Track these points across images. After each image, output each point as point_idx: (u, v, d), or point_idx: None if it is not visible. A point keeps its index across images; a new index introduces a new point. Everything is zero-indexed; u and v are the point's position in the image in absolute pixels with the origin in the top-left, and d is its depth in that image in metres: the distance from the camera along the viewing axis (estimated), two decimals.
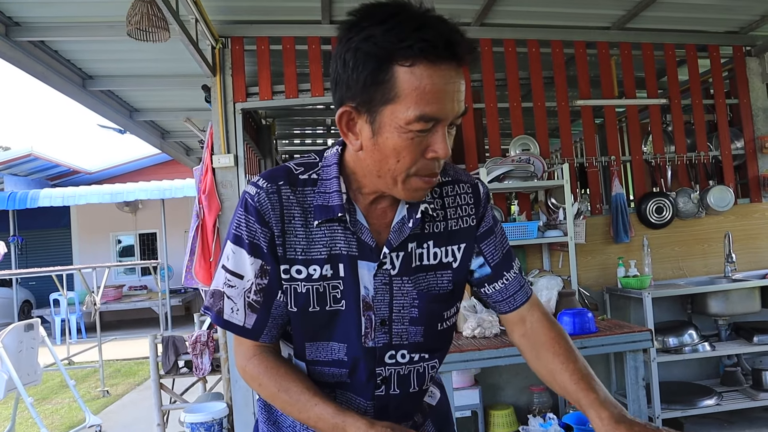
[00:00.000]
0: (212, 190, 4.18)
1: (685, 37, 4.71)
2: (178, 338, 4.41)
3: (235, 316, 1.13)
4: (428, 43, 0.94)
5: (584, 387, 1.12)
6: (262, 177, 1.13)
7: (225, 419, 4.14)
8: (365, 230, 1.12)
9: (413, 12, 0.97)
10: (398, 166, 1.02)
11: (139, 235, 13.58)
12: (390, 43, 0.94)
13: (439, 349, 1.24)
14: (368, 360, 1.15)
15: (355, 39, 0.97)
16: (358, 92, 0.99)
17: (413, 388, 1.21)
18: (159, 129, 7.51)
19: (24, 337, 4.60)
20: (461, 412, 3.87)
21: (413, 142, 0.99)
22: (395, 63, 0.95)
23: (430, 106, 0.96)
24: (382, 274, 1.13)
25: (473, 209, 1.22)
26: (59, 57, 4.69)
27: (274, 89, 4.31)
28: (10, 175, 11.40)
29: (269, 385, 1.13)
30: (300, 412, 1.10)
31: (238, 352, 1.18)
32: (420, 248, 1.16)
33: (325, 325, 1.13)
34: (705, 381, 4.32)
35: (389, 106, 0.98)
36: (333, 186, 1.10)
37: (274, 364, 1.15)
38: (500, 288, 1.26)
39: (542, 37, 4.51)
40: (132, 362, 8.15)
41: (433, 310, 1.18)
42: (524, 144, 4.46)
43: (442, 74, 0.96)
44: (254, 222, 1.10)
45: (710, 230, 4.56)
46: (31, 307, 12.27)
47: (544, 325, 1.25)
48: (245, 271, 1.12)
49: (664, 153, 4.62)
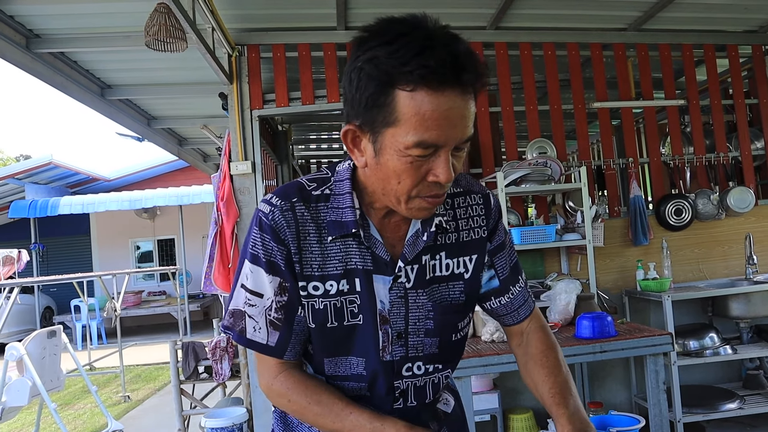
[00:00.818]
0: (230, 197, 4.22)
1: (702, 37, 4.67)
2: (198, 344, 4.45)
3: (258, 335, 1.13)
4: (428, 70, 0.91)
5: (558, 401, 1.14)
6: (275, 194, 1.13)
7: (245, 424, 4.17)
8: (379, 245, 1.12)
9: (421, 33, 0.94)
10: (399, 188, 1.01)
11: (158, 241, 13.72)
12: (392, 66, 0.92)
13: (452, 359, 1.25)
14: (387, 373, 1.16)
15: (361, 58, 0.96)
16: (361, 112, 0.98)
17: (429, 399, 1.22)
18: (176, 136, 7.58)
19: (47, 344, 4.66)
20: (480, 416, 3.86)
21: (413, 166, 0.98)
22: (396, 87, 0.93)
23: (429, 133, 0.94)
24: (398, 287, 1.13)
25: (484, 220, 1.22)
26: (78, 67, 4.76)
27: (291, 96, 4.34)
28: (30, 184, 11.56)
29: (299, 399, 1.13)
30: (334, 422, 1.10)
31: (262, 371, 1.18)
32: (433, 260, 1.16)
33: (343, 340, 1.14)
34: (727, 384, 4.27)
35: (390, 129, 0.96)
36: (346, 201, 1.10)
37: (302, 379, 1.15)
38: (506, 302, 1.27)
39: (558, 39, 4.50)
40: (152, 367, 8.22)
41: (448, 321, 1.19)
42: (541, 147, 4.45)
43: (444, 100, 0.93)
44: (270, 240, 1.10)
45: (730, 232, 4.51)
46: (52, 313, 12.43)
47: (538, 337, 1.27)
48: (264, 289, 1.12)
49: (683, 154, 4.57)
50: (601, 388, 4.26)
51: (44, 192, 11.87)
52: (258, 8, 4.03)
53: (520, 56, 4.48)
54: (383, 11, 0.99)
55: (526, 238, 3.86)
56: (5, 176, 11.04)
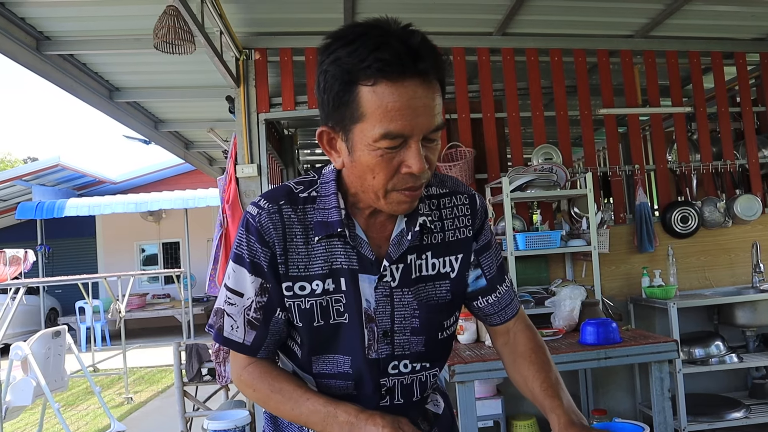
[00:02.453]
0: (236, 200, 4.23)
1: (710, 44, 4.66)
2: (201, 346, 4.45)
3: (235, 333, 1.16)
4: (384, 62, 0.95)
5: (551, 394, 1.16)
6: (263, 197, 1.16)
7: (247, 427, 4.16)
8: (365, 244, 1.14)
9: (377, 31, 0.98)
10: (375, 183, 1.04)
11: (163, 244, 13.74)
12: (352, 64, 0.96)
13: (440, 358, 1.27)
14: (372, 372, 1.17)
15: (325, 62, 1.00)
16: (331, 113, 1.02)
17: (416, 397, 1.24)
18: (183, 139, 7.61)
19: (52, 344, 4.68)
20: (483, 422, 3.85)
21: (384, 159, 1.00)
22: (359, 83, 0.97)
23: (394, 123, 0.97)
24: (383, 286, 1.15)
25: (470, 220, 1.23)
26: (87, 70, 4.80)
27: (297, 100, 4.35)
28: (37, 185, 11.61)
29: (262, 388, 1.16)
30: (293, 409, 1.13)
31: (234, 362, 1.21)
32: (419, 259, 1.18)
33: (329, 338, 1.16)
34: (733, 393, 4.24)
35: (358, 125, 1.00)
36: (331, 202, 1.13)
37: (268, 369, 1.19)
38: (493, 301, 1.28)
39: (565, 46, 4.50)
40: (155, 370, 8.23)
41: (434, 320, 1.21)
42: (547, 153, 4.44)
43: (405, 90, 0.96)
44: (255, 242, 1.12)
45: (737, 240, 4.49)
46: (57, 314, 12.46)
47: (526, 335, 1.30)
48: (245, 289, 1.14)
49: (690, 161, 4.56)
50: (606, 395, 4.24)
51: (51, 194, 11.92)
52: (266, 12, 4.06)
53: (526, 62, 4.48)
54: (390, 15, 1.01)
55: (531, 243, 3.85)
56: (13, 178, 11.10)
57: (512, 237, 3.83)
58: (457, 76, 4.41)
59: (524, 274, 4.18)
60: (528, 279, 4.21)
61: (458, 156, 4.25)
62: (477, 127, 4.43)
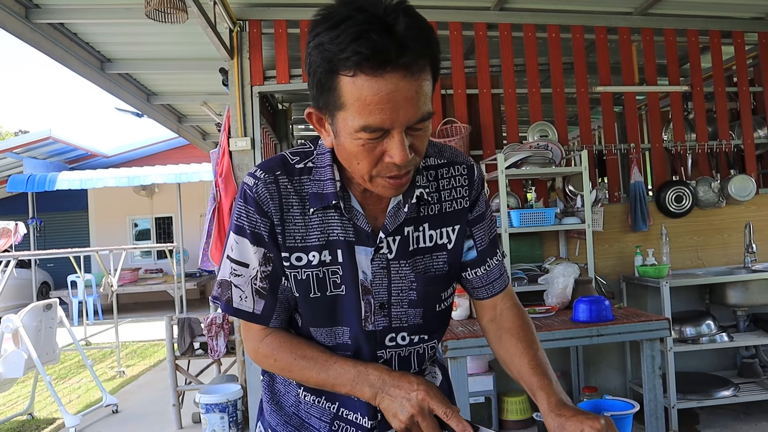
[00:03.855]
0: (229, 173, 4.20)
1: (709, 23, 4.62)
2: (193, 320, 4.45)
3: (244, 304, 1.16)
4: (362, 56, 0.90)
5: (539, 372, 1.14)
6: (259, 168, 1.14)
7: (239, 401, 4.18)
8: (360, 216, 1.13)
9: (362, 16, 0.92)
10: (359, 168, 1.02)
11: (155, 218, 13.70)
12: (332, 53, 0.92)
13: (437, 330, 1.26)
14: (369, 343, 1.17)
15: (311, 44, 0.96)
16: (316, 96, 1.00)
17: (413, 369, 1.24)
18: (176, 113, 7.53)
19: (43, 317, 4.66)
20: (475, 398, 3.87)
21: (365, 148, 0.98)
22: (339, 73, 0.93)
23: (373, 117, 0.94)
24: (380, 258, 1.14)
25: (467, 191, 1.22)
26: (78, 39, 4.71)
27: (292, 73, 4.30)
28: (29, 158, 11.50)
29: (285, 356, 1.16)
30: (319, 373, 1.13)
31: (248, 336, 1.20)
32: (417, 231, 1.17)
33: (327, 310, 1.16)
34: (722, 372, 4.29)
35: (341, 113, 0.97)
36: (327, 174, 1.11)
37: (287, 338, 1.18)
38: (482, 274, 1.27)
39: (563, 22, 4.45)
40: (147, 344, 8.24)
41: (431, 292, 1.20)
42: (542, 130, 4.42)
43: (384, 84, 0.92)
44: (254, 212, 1.12)
45: (730, 220, 4.49)
46: (49, 288, 12.45)
47: (513, 313, 1.27)
48: (249, 259, 1.14)
49: (685, 141, 4.55)
50: (597, 373, 4.27)
51: (42, 167, 11.81)
52: None
53: (523, 38, 4.43)
54: None
55: (526, 220, 3.84)
56: (3, 150, 10.97)
57: (506, 214, 3.82)
58: (453, 51, 4.36)
59: (518, 251, 4.18)
60: (521, 256, 4.21)
61: (453, 132, 4.22)
62: (473, 103, 4.40)
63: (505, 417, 4.00)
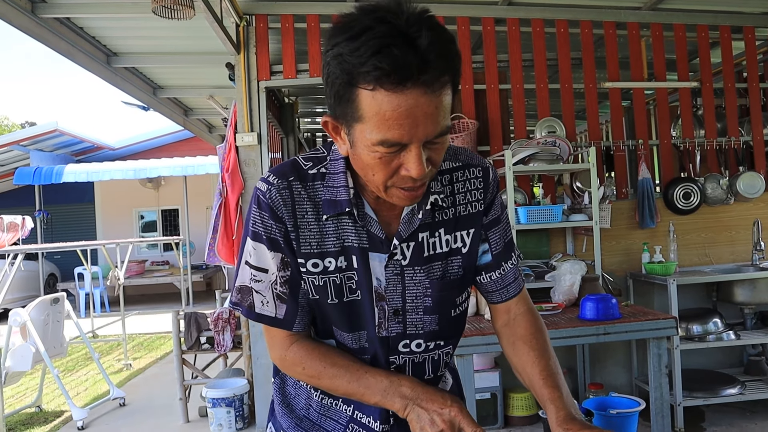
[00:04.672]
0: (236, 169, 4.19)
1: (719, 18, 4.58)
2: (200, 315, 4.46)
3: (266, 309, 1.16)
4: (383, 72, 0.88)
5: (550, 384, 1.14)
6: (272, 173, 1.13)
7: (245, 395, 4.20)
8: (374, 223, 1.13)
9: (384, 28, 0.89)
10: (374, 179, 1.01)
11: (162, 211, 13.73)
12: (352, 66, 0.90)
13: (453, 336, 1.26)
14: (383, 349, 1.17)
15: (330, 53, 0.94)
16: (334, 106, 0.98)
17: (428, 375, 1.23)
18: (182, 106, 7.54)
19: (50, 311, 4.68)
20: (481, 394, 3.88)
21: (382, 161, 0.97)
22: (358, 86, 0.92)
23: (391, 132, 0.93)
24: (393, 265, 1.14)
25: (482, 194, 1.21)
26: (84, 34, 4.71)
27: (298, 68, 4.28)
28: (35, 151, 11.53)
29: (314, 365, 1.15)
30: (350, 382, 1.13)
31: (273, 344, 1.20)
32: (432, 237, 1.16)
33: (344, 315, 1.15)
34: (728, 370, 4.27)
35: (358, 125, 0.96)
36: (340, 180, 1.11)
37: (315, 346, 1.18)
38: (497, 278, 1.26)
39: (571, 17, 4.42)
40: (154, 336, 8.27)
41: (446, 297, 1.19)
42: (550, 126, 4.40)
43: (404, 100, 0.90)
44: (268, 218, 1.11)
45: (738, 217, 4.47)
46: (56, 280, 12.50)
47: (527, 319, 1.26)
48: (268, 264, 1.14)
49: (694, 137, 4.52)
50: (603, 369, 4.27)
51: (49, 159, 11.85)
52: None
53: (532, 33, 4.40)
54: None
55: (533, 217, 3.83)
56: (10, 142, 11.00)
57: (514, 211, 3.81)
58: (461, 46, 4.32)
59: (525, 247, 4.17)
60: (528, 253, 4.20)
61: (461, 128, 4.20)
62: (480, 99, 4.38)
63: (511, 413, 4.01)
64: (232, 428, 4.12)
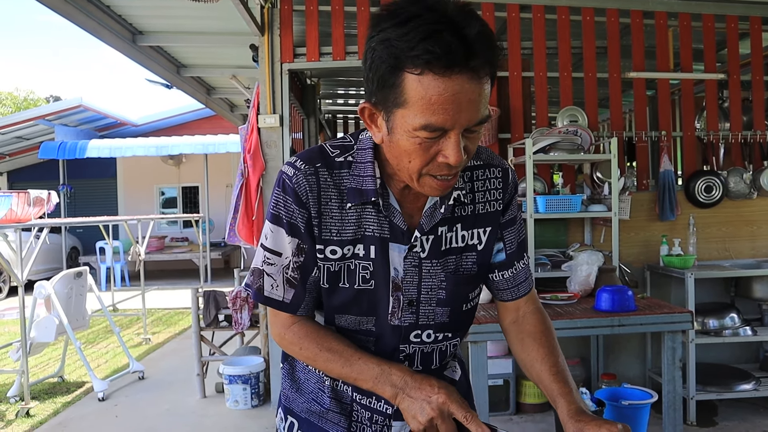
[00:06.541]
0: (257, 150, 4.23)
1: (750, 8, 4.49)
2: (219, 293, 4.53)
3: (275, 292, 1.18)
4: (434, 55, 0.91)
5: (560, 379, 1.17)
6: (300, 158, 1.15)
7: (261, 373, 4.27)
8: (397, 214, 1.15)
9: (433, 15, 0.93)
10: (410, 166, 1.03)
11: (182, 188, 13.87)
12: (400, 50, 0.93)
13: (462, 328, 1.29)
14: (393, 336, 1.20)
15: (375, 38, 0.97)
16: (375, 91, 1.00)
17: (435, 365, 1.26)
18: (205, 85, 7.58)
19: (74, 284, 4.79)
20: (493, 380, 3.91)
21: (422, 147, 0.99)
22: (405, 70, 0.94)
23: (436, 116, 0.95)
24: (412, 256, 1.16)
25: (501, 194, 1.24)
26: (111, 12, 4.76)
27: (322, 50, 4.29)
28: (60, 125, 11.68)
29: (310, 346, 1.18)
30: (343, 367, 1.15)
31: (275, 321, 1.23)
32: (450, 232, 1.19)
33: (353, 301, 1.18)
34: (743, 365, 4.25)
35: (400, 110, 0.98)
36: (367, 170, 1.13)
37: (314, 328, 1.20)
38: (508, 277, 1.28)
39: (598, 5, 4.36)
40: (173, 312, 8.41)
41: (460, 291, 1.22)
42: (572, 115, 4.37)
43: (451, 85, 0.93)
44: (292, 202, 1.13)
45: (761, 212, 4.42)
46: (78, 253, 12.73)
47: (536, 317, 1.29)
48: (284, 248, 1.16)
49: (719, 130, 4.46)
50: (616, 360, 4.27)
51: (73, 134, 12.00)
52: None
53: (557, 20, 4.36)
54: None
55: (552, 207, 3.83)
56: (36, 117, 11.16)
57: (533, 199, 3.81)
58: None
59: (542, 236, 4.17)
60: (546, 242, 4.20)
61: None
62: (502, 86, 4.35)
63: (523, 400, 4.04)
64: (247, 405, 4.20)
